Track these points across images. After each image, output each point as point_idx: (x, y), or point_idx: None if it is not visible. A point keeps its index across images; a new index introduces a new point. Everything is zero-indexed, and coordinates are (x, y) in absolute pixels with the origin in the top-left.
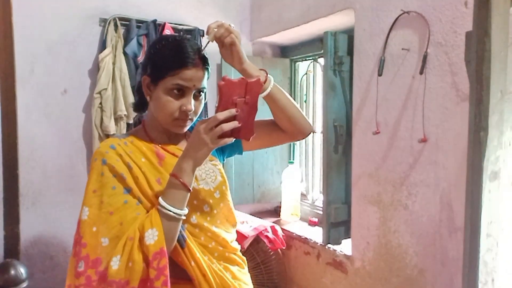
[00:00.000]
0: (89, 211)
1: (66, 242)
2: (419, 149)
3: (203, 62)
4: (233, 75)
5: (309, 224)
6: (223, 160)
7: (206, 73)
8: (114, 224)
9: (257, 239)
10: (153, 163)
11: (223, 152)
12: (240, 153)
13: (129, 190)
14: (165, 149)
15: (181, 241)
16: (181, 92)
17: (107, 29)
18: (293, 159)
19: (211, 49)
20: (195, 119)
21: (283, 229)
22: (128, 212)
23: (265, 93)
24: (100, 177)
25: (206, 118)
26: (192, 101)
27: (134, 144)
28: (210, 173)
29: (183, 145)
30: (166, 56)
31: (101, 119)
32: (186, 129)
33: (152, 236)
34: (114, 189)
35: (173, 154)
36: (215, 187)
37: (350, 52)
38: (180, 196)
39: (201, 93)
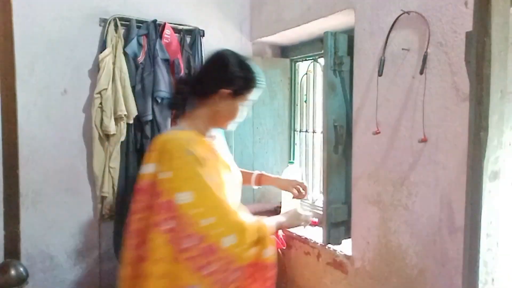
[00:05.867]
0: None
1: (66, 242)
2: (419, 149)
3: None
4: None
5: (309, 224)
6: None
7: None
8: None
9: None
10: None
11: None
12: None
13: None
14: None
15: None
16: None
17: (107, 29)
18: (293, 159)
19: (213, 47)
20: None
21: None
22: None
23: None
24: None
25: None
26: None
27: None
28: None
29: None
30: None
31: (101, 119)
32: None
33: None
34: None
35: None
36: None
37: (350, 52)
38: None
39: None
